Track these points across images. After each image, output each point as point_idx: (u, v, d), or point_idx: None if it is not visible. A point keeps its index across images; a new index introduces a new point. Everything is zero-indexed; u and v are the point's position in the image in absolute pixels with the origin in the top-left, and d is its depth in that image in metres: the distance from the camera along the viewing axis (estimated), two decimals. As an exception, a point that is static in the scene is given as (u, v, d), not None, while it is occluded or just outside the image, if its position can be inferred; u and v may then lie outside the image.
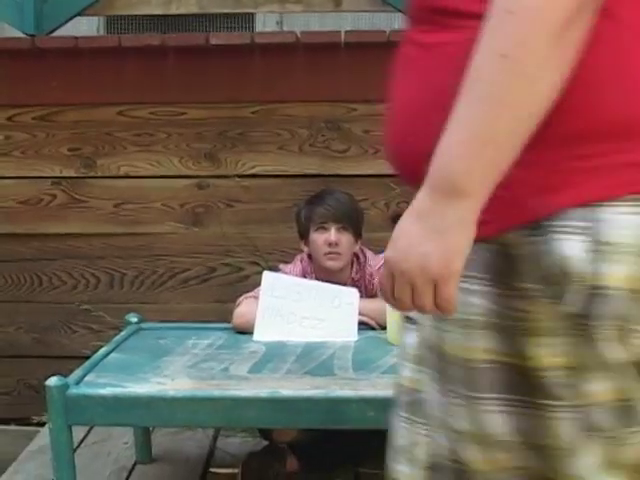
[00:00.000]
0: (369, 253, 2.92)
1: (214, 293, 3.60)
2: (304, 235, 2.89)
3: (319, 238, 2.82)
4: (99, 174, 3.57)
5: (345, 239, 2.81)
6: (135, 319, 2.91)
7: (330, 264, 2.83)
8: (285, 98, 3.51)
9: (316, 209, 2.86)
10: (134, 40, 3.53)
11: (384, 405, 2.12)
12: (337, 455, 2.80)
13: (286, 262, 3.01)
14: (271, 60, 3.48)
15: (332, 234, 2.79)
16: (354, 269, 2.89)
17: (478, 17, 1.03)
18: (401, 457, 1.31)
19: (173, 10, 3.61)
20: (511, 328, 1.12)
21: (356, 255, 2.90)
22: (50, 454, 2.26)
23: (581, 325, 1.08)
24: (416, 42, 1.21)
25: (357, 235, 2.86)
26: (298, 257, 2.95)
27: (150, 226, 3.59)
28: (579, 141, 1.06)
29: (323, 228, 2.82)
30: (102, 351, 2.58)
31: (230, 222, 3.56)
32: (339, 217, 2.81)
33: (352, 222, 2.83)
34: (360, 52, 3.44)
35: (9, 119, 3.57)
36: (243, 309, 2.79)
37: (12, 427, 3.68)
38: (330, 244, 2.79)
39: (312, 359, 2.46)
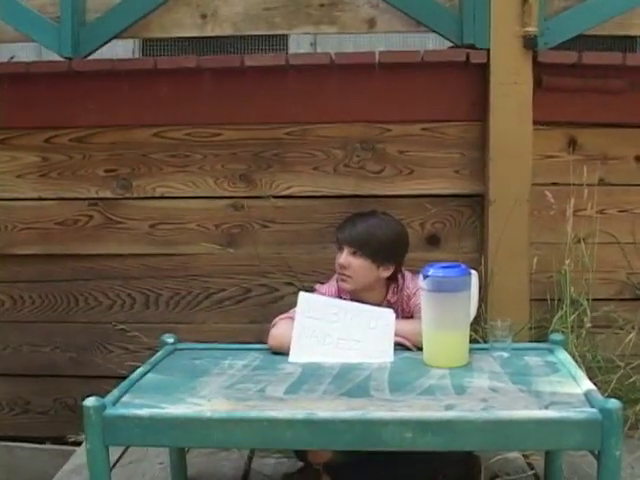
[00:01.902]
0: (408, 275, 2.90)
1: (249, 313, 3.61)
2: None
3: (336, 259, 2.86)
4: (135, 195, 3.60)
5: (357, 263, 2.81)
6: (171, 339, 2.92)
7: (341, 285, 2.88)
8: (320, 119, 3.52)
9: (337, 231, 2.91)
10: (170, 62, 3.57)
11: (421, 426, 2.13)
12: (372, 477, 2.78)
13: (321, 282, 3.00)
14: (306, 81, 3.49)
15: (342, 257, 2.84)
16: (390, 291, 2.88)
17: None
18: None
19: (208, 32, 3.62)
20: None
21: (394, 278, 2.89)
22: (86, 473, 2.27)
23: None
24: None
25: (379, 262, 2.83)
26: (334, 277, 2.95)
27: (185, 247, 3.61)
28: None
29: (341, 249, 2.84)
30: (138, 371, 2.58)
31: (265, 243, 3.57)
32: (350, 242, 2.83)
33: (366, 249, 2.80)
34: (394, 72, 3.45)
35: (46, 141, 3.61)
36: (279, 330, 2.79)
37: (48, 446, 3.70)
38: (340, 266, 2.82)
39: (348, 380, 2.45)
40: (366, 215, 2.91)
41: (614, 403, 2.11)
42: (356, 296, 2.86)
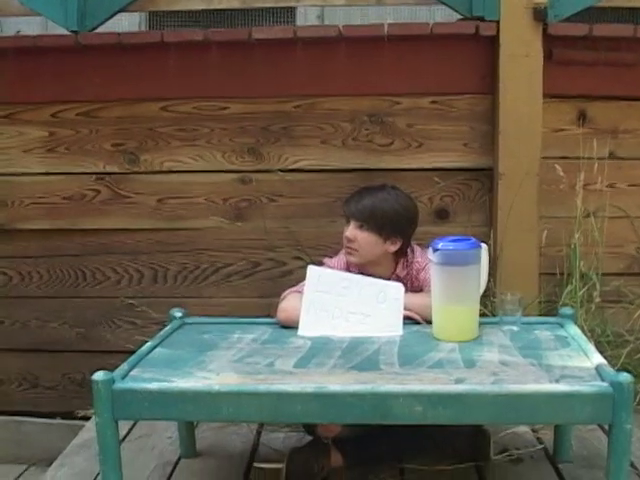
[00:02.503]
0: (418, 250, 2.89)
1: (257, 288, 3.61)
2: None
3: (344, 231, 2.84)
4: (142, 169, 3.59)
5: (363, 237, 2.79)
6: (179, 314, 2.91)
7: (347, 258, 2.86)
8: (328, 92, 3.50)
9: (344, 204, 2.89)
10: (177, 35, 3.53)
11: (431, 400, 2.12)
12: (382, 450, 2.78)
13: (330, 256, 2.99)
14: (314, 54, 3.46)
15: (348, 230, 2.82)
16: (400, 266, 2.86)
17: None
18: None
19: (215, 5, 3.60)
20: None
21: (404, 253, 2.87)
22: (95, 448, 2.27)
23: None
24: None
25: (385, 236, 2.80)
26: (343, 250, 2.93)
27: (193, 221, 3.60)
28: None
29: (347, 222, 2.83)
30: (147, 346, 2.58)
31: (273, 217, 3.56)
32: (356, 215, 2.81)
33: (373, 222, 2.78)
34: (403, 45, 3.43)
35: (53, 115, 3.59)
36: (288, 304, 2.78)
37: (57, 421, 3.71)
38: (346, 239, 2.82)
39: (357, 354, 2.44)
40: (374, 189, 2.89)
41: (625, 376, 2.10)
42: (364, 270, 2.85)
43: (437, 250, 2.51)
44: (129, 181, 3.61)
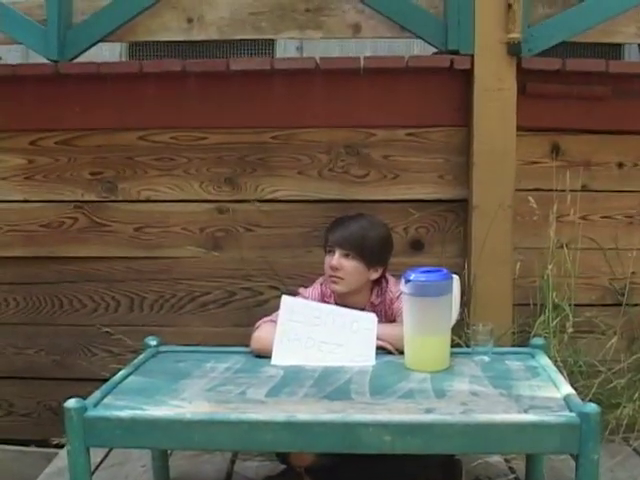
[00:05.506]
0: (391, 279, 2.92)
1: (233, 317, 3.62)
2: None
3: (326, 261, 2.88)
4: (120, 198, 3.61)
5: (349, 265, 2.83)
6: (154, 342, 2.92)
7: (332, 287, 2.89)
8: (305, 123, 3.53)
9: (327, 233, 2.93)
10: (155, 65, 3.57)
11: (400, 429, 2.14)
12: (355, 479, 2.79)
13: (305, 286, 3.01)
14: (291, 85, 3.50)
15: (334, 259, 2.84)
16: (374, 294, 2.89)
17: None
18: None
19: (194, 36, 3.63)
20: None
21: (378, 281, 2.90)
22: (69, 476, 2.27)
23: None
24: None
25: (370, 264, 2.85)
26: (319, 280, 2.96)
27: (170, 250, 3.61)
28: None
29: (331, 252, 2.85)
30: (121, 374, 2.59)
31: (250, 246, 3.57)
32: (343, 244, 2.84)
33: (360, 250, 2.82)
34: (379, 78, 3.47)
35: (32, 143, 3.61)
36: (261, 333, 2.80)
37: (31, 449, 3.69)
38: (332, 268, 2.83)
39: (329, 383, 2.46)
40: (355, 217, 2.94)
41: (592, 407, 2.13)
42: (342, 299, 2.88)
43: (409, 281, 2.54)
44: (107, 209, 3.62)
